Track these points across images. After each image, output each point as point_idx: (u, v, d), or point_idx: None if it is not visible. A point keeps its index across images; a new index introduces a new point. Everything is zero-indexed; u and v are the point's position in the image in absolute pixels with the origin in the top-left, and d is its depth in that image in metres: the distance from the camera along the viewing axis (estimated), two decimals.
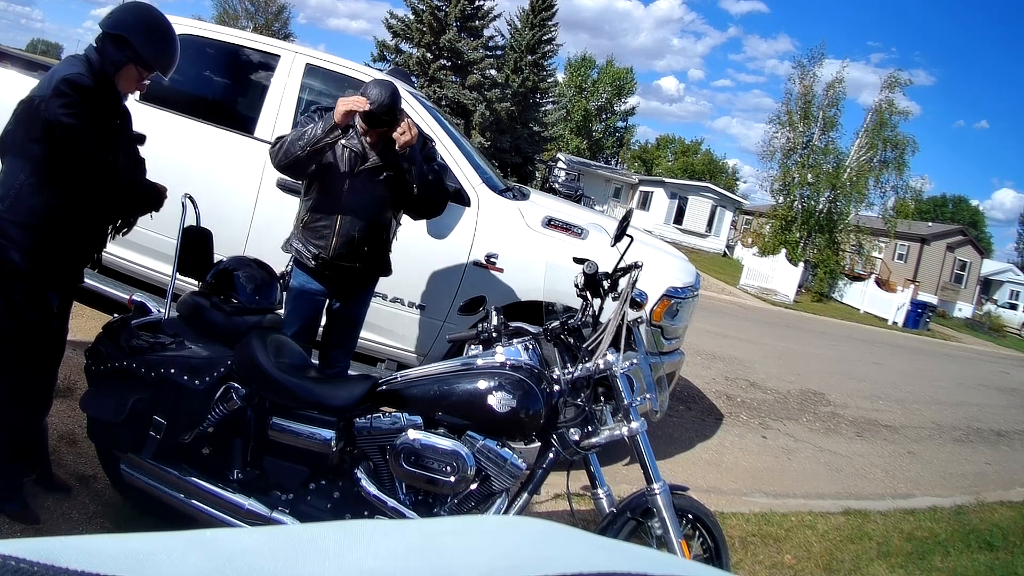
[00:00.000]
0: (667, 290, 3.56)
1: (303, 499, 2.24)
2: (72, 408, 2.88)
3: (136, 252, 3.81)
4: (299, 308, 2.88)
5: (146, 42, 2.18)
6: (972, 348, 21.39)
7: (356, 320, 3.07)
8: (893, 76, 25.15)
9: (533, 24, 29.01)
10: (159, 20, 2.24)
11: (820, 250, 24.62)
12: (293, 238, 2.85)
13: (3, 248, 2.09)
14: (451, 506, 2.19)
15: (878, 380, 9.64)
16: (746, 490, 4.19)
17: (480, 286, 3.40)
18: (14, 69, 3.97)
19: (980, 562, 3.78)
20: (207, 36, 4.07)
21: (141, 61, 2.20)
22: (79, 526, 2.34)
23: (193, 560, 0.39)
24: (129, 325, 2.27)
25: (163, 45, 2.24)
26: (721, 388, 6.59)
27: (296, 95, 3.80)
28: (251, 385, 2.18)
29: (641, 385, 2.35)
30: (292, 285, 2.87)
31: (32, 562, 0.34)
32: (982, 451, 6.69)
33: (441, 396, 2.19)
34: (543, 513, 3.08)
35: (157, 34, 2.22)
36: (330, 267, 2.80)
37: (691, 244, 29.05)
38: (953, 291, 31.90)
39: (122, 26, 2.17)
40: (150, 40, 2.20)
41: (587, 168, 36.09)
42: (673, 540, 2.17)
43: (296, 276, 2.87)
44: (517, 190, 4.11)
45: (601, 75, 48.36)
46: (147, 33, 2.19)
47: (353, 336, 3.11)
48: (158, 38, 2.22)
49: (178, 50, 2.30)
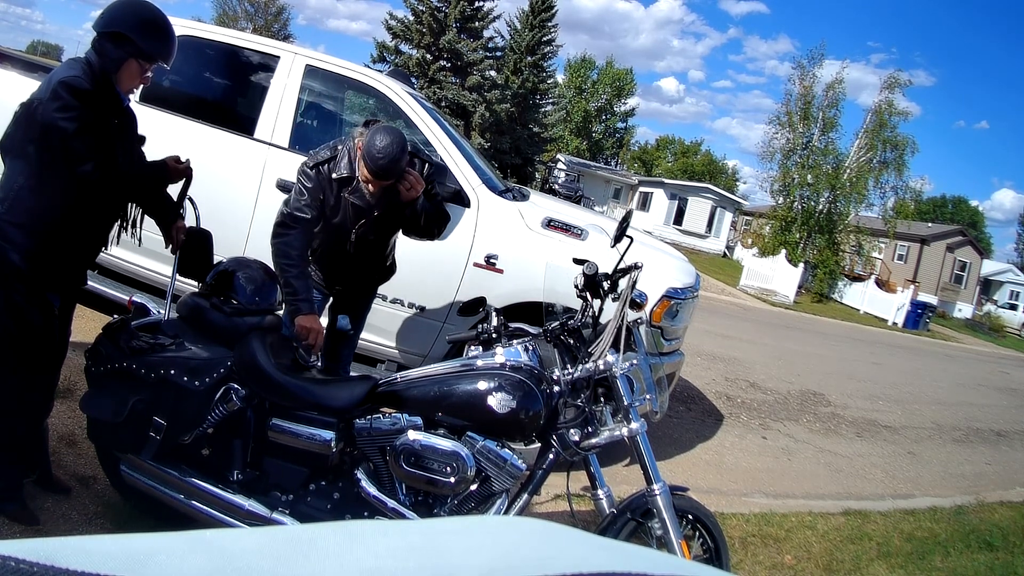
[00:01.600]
0: (667, 291, 3.56)
1: (303, 500, 2.24)
2: (72, 409, 2.88)
3: (136, 253, 3.80)
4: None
5: (143, 34, 2.18)
6: (972, 348, 21.39)
7: (358, 324, 3.09)
8: (893, 77, 25.20)
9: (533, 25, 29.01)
10: (152, 10, 2.23)
11: (820, 251, 24.63)
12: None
13: (3, 250, 2.09)
14: (451, 507, 2.19)
15: (878, 380, 9.64)
16: (746, 491, 4.19)
17: (480, 287, 3.40)
18: (14, 71, 3.97)
19: (980, 562, 3.78)
20: (207, 37, 4.07)
21: (141, 54, 2.19)
22: (79, 527, 2.34)
23: (194, 560, 0.39)
24: (129, 326, 2.27)
25: (160, 34, 2.23)
26: (721, 389, 6.59)
27: (296, 96, 3.80)
28: (251, 386, 2.18)
29: (641, 386, 2.35)
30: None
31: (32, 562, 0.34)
32: (982, 451, 6.69)
33: (441, 397, 2.19)
34: (543, 514, 3.08)
35: (153, 24, 2.21)
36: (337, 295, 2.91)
37: (691, 245, 29.06)
38: (953, 291, 31.91)
39: (116, 23, 2.16)
40: (146, 31, 2.19)
41: (587, 169, 36.10)
42: (673, 541, 2.17)
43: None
44: (517, 191, 4.11)
45: (601, 76, 48.35)
46: (142, 25, 2.18)
47: (355, 340, 3.13)
48: (154, 28, 2.21)
49: (175, 37, 2.29)
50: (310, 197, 2.58)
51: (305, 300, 2.53)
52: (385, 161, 2.37)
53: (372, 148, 2.38)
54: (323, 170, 2.59)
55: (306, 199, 2.58)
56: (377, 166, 2.39)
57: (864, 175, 24.62)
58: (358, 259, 2.79)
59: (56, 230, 2.15)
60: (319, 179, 2.58)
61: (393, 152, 2.37)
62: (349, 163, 2.58)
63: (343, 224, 2.66)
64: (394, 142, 2.38)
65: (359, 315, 3.07)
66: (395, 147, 2.38)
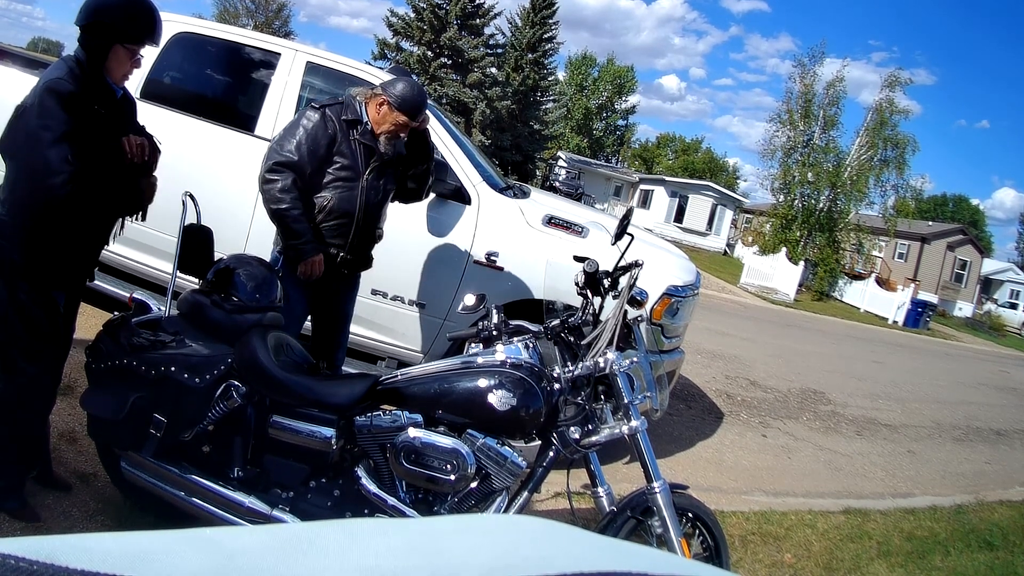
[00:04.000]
0: (667, 288, 3.56)
1: (303, 497, 2.24)
2: (72, 406, 2.88)
3: (137, 250, 3.80)
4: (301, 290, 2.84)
5: (123, 18, 2.14)
6: (972, 347, 21.38)
7: (347, 316, 3.11)
8: (894, 75, 25.17)
9: (534, 22, 28.99)
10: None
11: (820, 249, 24.61)
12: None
13: (6, 249, 2.09)
14: (451, 504, 2.19)
15: (878, 379, 9.63)
16: (746, 489, 4.19)
17: (480, 284, 3.39)
18: (15, 67, 3.97)
19: (980, 561, 3.78)
20: (208, 34, 4.07)
21: (126, 37, 2.15)
22: (79, 524, 2.34)
23: (194, 559, 0.39)
24: (129, 323, 2.26)
25: (141, 14, 2.18)
26: (721, 387, 6.59)
27: (296, 93, 3.79)
28: (251, 383, 2.18)
29: (641, 383, 2.35)
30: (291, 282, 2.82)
31: (32, 561, 0.34)
32: (982, 450, 6.69)
33: (441, 394, 2.19)
34: (543, 511, 3.08)
35: (131, 6, 2.17)
36: (345, 265, 2.85)
37: (691, 243, 29.03)
38: (953, 290, 31.88)
39: (94, 13, 2.13)
40: (126, 14, 2.15)
41: (587, 166, 36.07)
42: (673, 539, 2.17)
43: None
44: (517, 188, 4.11)
45: (602, 73, 48.28)
46: (121, 9, 2.15)
47: (346, 333, 3.15)
48: (134, 10, 2.17)
49: (158, 15, 2.23)
50: (304, 139, 2.64)
51: (309, 241, 2.66)
52: (418, 95, 2.70)
53: (402, 92, 2.67)
54: (329, 112, 2.69)
55: (296, 141, 2.64)
56: (416, 101, 2.69)
57: (865, 173, 24.61)
58: (364, 218, 2.78)
59: (57, 229, 2.14)
60: (324, 120, 2.67)
61: (418, 87, 2.72)
62: (355, 109, 2.74)
63: (354, 166, 2.72)
64: (412, 82, 2.73)
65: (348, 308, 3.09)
66: (415, 84, 2.73)
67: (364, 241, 2.87)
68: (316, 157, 2.66)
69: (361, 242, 2.85)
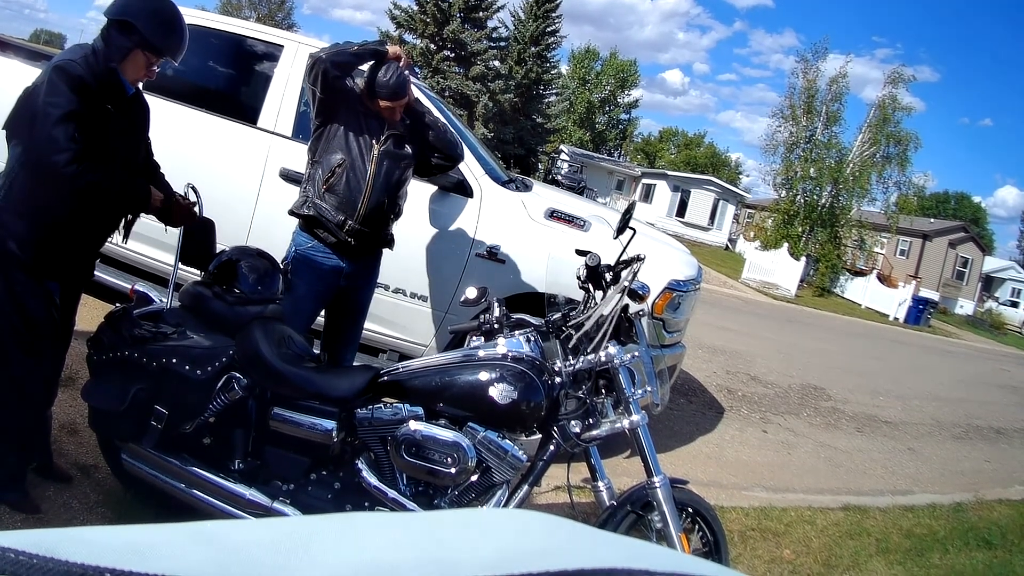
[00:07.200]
0: (669, 283, 3.55)
1: (304, 489, 2.24)
2: (73, 397, 2.89)
3: (138, 242, 3.80)
4: (314, 289, 2.80)
5: (152, 26, 2.14)
6: (973, 345, 21.38)
7: (363, 310, 3.06)
8: (897, 72, 25.09)
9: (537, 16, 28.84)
10: (165, 2, 2.20)
11: (822, 245, 24.59)
12: (313, 198, 2.75)
13: (2, 238, 2.08)
14: (452, 497, 2.19)
15: (879, 376, 9.64)
16: (746, 484, 4.19)
17: (482, 277, 3.39)
18: (17, 59, 3.96)
19: (978, 560, 3.79)
20: (211, 26, 4.05)
21: (148, 46, 2.16)
22: (80, 515, 2.35)
23: (195, 552, 0.39)
24: (131, 315, 2.26)
25: (170, 28, 2.19)
26: (722, 382, 6.59)
27: (299, 85, 3.78)
28: (253, 375, 2.18)
29: (642, 378, 2.35)
30: (308, 262, 2.78)
31: (32, 554, 0.34)
32: (981, 448, 6.70)
33: (442, 387, 2.19)
34: (543, 505, 3.09)
35: (163, 17, 2.17)
36: (353, 234, 2.76)
37: (693, 237, 28.99)
38: (955, 288, 31.84)
39: (126, 11, 2.13)
40: (156, 23, 2.15)
41: (590, 160, 35.99)
42: (673, 534, 2.17)
43: (314, 252, 2.78)
44: (520, 181, 4.10)
45: (605, 67, 48.11)
46: (152, 16, 2.15)
47: (360, 327, 3.11)
48: (164, 21, 2.17)
49: (186, 33, 2.24)
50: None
51: (380, 42, 2.85)
52: (393, 80, 2.70)
53: (377, 80, 2.71)
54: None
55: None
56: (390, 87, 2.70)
57: (867, 170, 24.57)
58: (377, 187, 2.74)
59: (55, 218, 2.13)
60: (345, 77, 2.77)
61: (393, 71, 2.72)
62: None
63: (368, 132, 2.76)
64: (389, 66, 2.73)
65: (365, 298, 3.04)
66: (393, 68, 2.72)
67: (381, 213, 2.80)
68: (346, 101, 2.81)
69: (376, 208, 2.78)
